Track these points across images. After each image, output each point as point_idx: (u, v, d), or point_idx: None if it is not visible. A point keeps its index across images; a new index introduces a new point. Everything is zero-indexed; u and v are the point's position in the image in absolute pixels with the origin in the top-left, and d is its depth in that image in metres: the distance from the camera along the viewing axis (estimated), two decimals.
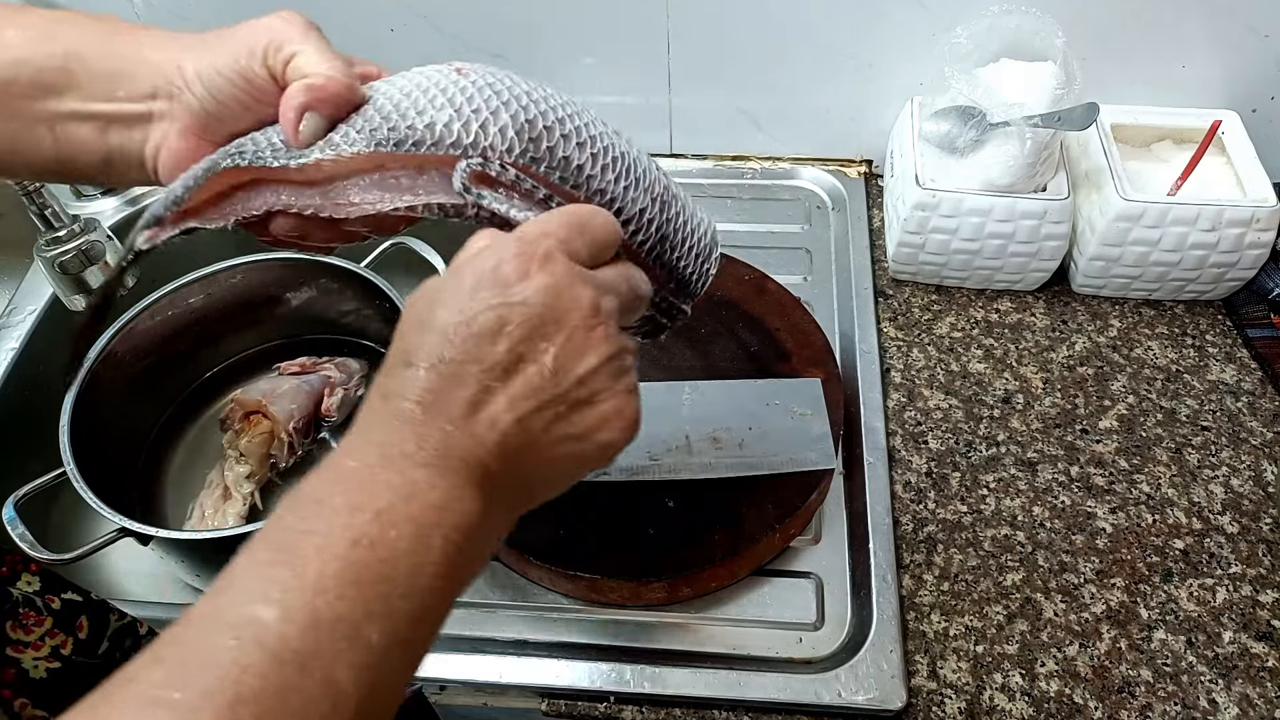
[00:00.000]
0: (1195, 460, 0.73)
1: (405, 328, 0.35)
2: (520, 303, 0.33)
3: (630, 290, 0.38)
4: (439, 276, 0.36)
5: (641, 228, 0.43)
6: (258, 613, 0.28)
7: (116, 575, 0.85)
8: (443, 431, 0.33)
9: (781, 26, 0.85)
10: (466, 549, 0.32)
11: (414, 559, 0.31)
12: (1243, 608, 0.65)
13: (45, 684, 0.46)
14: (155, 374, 0.85)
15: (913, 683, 0.62)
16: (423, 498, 0.32)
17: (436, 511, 0.32)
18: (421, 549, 0.31)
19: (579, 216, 0.37)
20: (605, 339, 0.35)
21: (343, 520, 0.31)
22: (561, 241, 0.35)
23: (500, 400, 0.33)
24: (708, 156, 0.97)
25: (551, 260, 0.34)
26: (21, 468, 0.72)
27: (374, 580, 0.30)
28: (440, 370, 0.33)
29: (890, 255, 0.85)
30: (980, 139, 0.78)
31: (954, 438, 0.74)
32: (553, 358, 0.33)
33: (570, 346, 0.34)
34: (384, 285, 0.79)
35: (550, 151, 0.40)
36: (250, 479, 0.81)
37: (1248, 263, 0.78)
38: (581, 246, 0.36)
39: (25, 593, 0.47)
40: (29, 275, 0.89)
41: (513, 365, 0.33)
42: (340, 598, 0.29)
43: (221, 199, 0.43)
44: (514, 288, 0.33)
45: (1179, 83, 0.85)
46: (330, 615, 0.28)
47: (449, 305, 0.34)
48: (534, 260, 0.34)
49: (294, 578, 0.29)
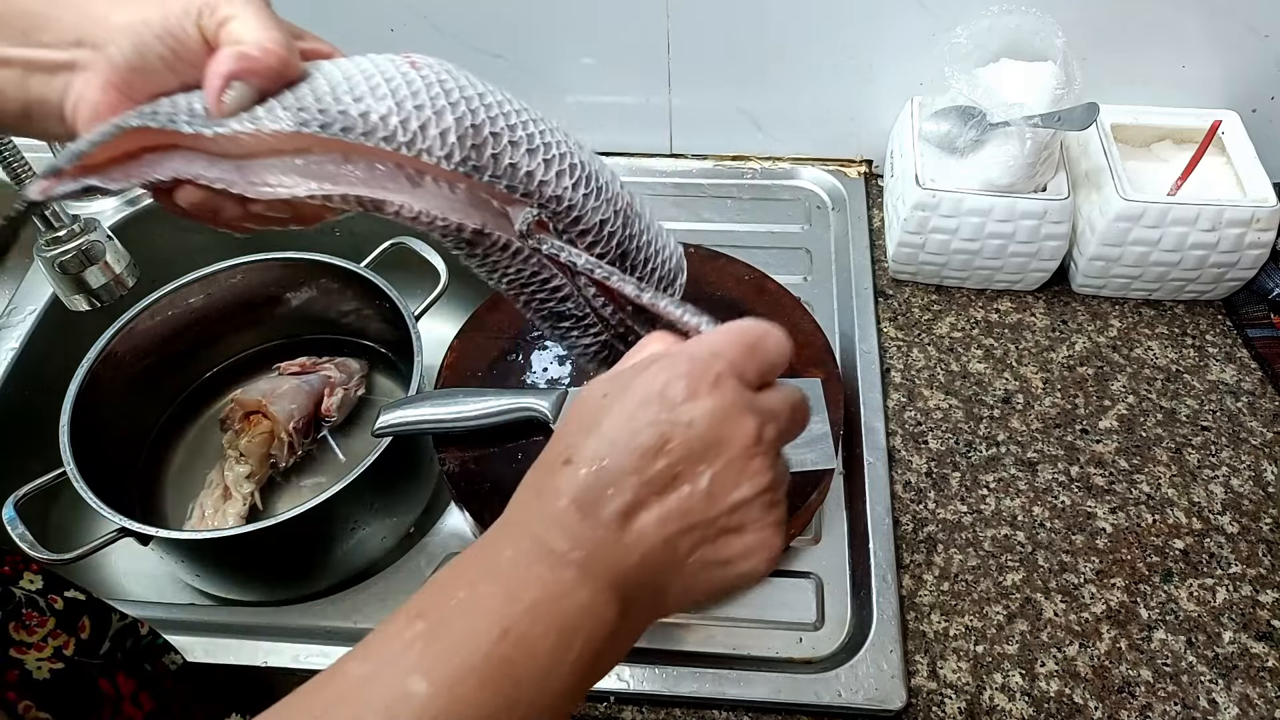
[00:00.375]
0: (1195, 460, 0.73)
1: (568, 428, 0.35)
2: (685, 424, 0.33)
3: (791, 417, 0.37)
4: (607, 380, 0.36)
5: (601, 240, 0.43)
6: (410, 685, 0.30)
7: (116, 575, 0.85)
8: (594, 536, 0.33)
9: (781, 26, 0.85)
10: (602, 653, 0.33)
11: (555, 656, 0.32)
12: (1243, 608, 0.65)
13: (49, 685, 0.46)
14: (155, 374, 0.85)
15: (913, 683, 0.62)
16: (570, 598, 0.32)
17: (580, 614, 0.32)
18: (564, 648, 0.32)
19: (751, 335, 0.36)
20: (762, 470, 0.34)
21: (496, 608, 0.32)
22: (732, 364, 0.35)
23: (652, 514, 0.33)
24: (708, 156, 0.97)
25: (720, 384, 0.34)
26: (21, 468, 0.72)
27: (516, 672, 0.31)
28: (599, 474, 0.33)
29: (890, 255, 0.85)
30: (980, 139, 0.78)
31: (954, 438, 0.74)
32: (708, 481, 0.34)
33: (727, 474, 0.34)
34: (384, 285, 0.79)
35: (495, 159, 0.39)
36: (250, 479, 0.81)
37: (1248, 263, 0.78)
38: (751, 368, 0.35)
39: (28, 592, 0.47)
40: (29, 275, 0.89)
41: (669, 483, 0.33)
42: (483, 685, 0.30)
43: (129, 159, 0.40)
44: (681, 408, 0.33)
45: (1179, 83, 0.85)
46: (474, 699, 0.30)
47: (615, 414, 0.34)
48: (704, 382, 0.34)
49: (445, 657, 0.31)
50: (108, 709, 0.48)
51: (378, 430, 0.66)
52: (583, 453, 0.34)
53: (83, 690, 0.47)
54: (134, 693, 0.50)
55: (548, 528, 0.33)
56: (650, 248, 0.45)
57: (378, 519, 0.75)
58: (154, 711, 0.50)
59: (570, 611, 0.32)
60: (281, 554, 0.72)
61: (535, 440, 0.68)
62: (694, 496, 0.33)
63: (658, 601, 0.35)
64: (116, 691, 0.49)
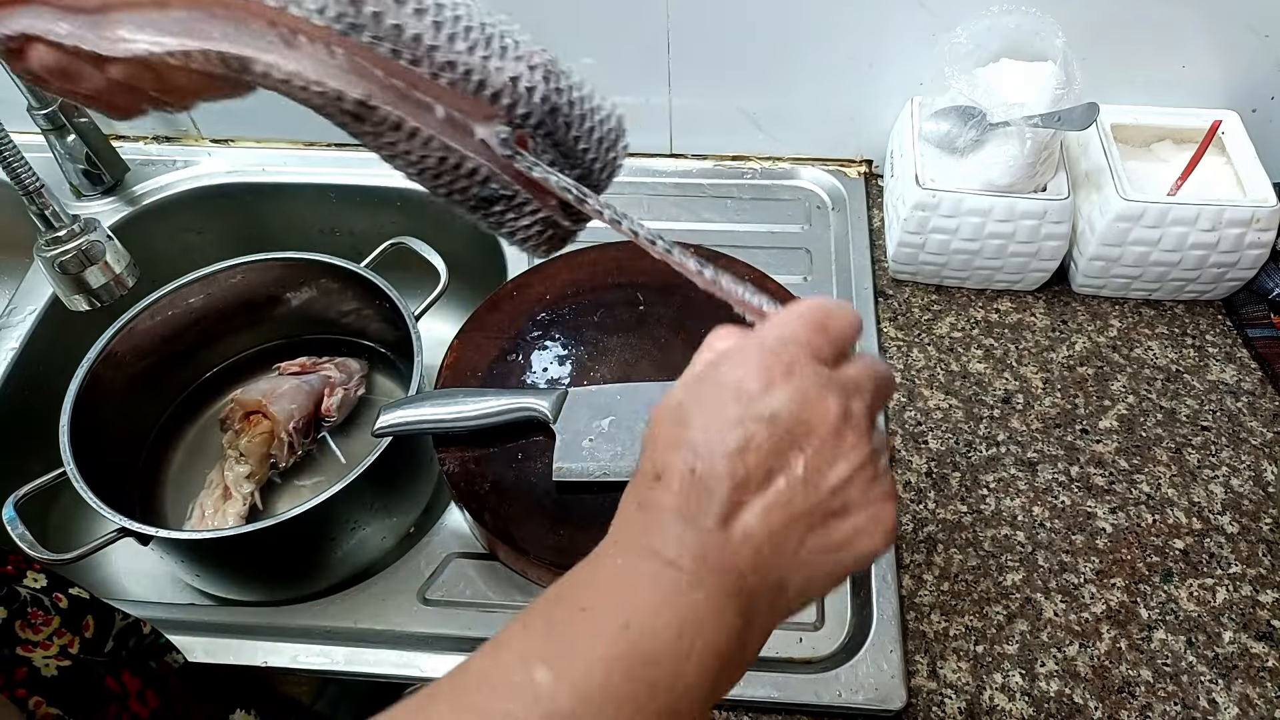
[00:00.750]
0: (1195, 460, 0.73)
1: (653, 443, 0.35)
2: (768, 417, 0.33)
3: (876, 386, 0.36)
4: (681, 388, 0.35)
5: (520, 99, 0.39)
6: (534, 674, 0.30)
7: (116, 575, 0.85)
8: (700, 541, 0.32)
9: (781, 26, 0.85)
10: (726, 656, 0.32)
11: (678, 651, 0.31)
12: (1243, 608, 0.65)
13: (57, 682, 0.46)
14: (155, 374, 0.85)
15: (913, 683, 0.62)
16: (686, 597, 0.32)
17: (699, 612, 0.32)
18: (686, 645, 0.31)
19: (819, 313, 0.35)
20: (856, 445, 0.34)
21: (615, 604, 0.32)
22: (804, 345, 0.34)
23: (754, 512, 0.33)
24: (708, 156, 0.97)
25: (795, 369, 0.33)
26: (21, 468, 0.72)
27: (641, 664, 0.30)
28: (693, 484, 0.33)
29: (890, 255, 0.85)
30: (980, 139, 0.78)
31: (954, 438, 0.74)
32: (803, 468, 0.33)
33: (820, 457, 0.33)
34: (384, 285, 0.79)
35: (376, 19, 0.36)
36: (250, 479, 0.81)
37: (1248, 263, 0.78)
38: (825, 345, 0.35)
39: (32, 590, 0.48)
40: (29, 275, 0.89)
41: (764, 478, 0.33)
42: (608, 674, 0.30)
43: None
44: (760, 401, 0.33)
45: (1179, 83, 0.85)
46: (602, 691, 0.30)
47: (696, 421, 0.34)
48: (778, 370, 0.33)
49: (568, 647, 0.31)
50: (114, 706, 0.48)
51: (378, 430, 0.66)
52: (672, 467, 0.33)
53: (90, 687, 0.47)
54: (140, 690, 0.50)
55: (654, 538, 0.33)
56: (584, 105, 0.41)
57: (378, 519, 0.75)
58: (159, 709, 0.51)
59: (688, 610, 0.31)
60: (281, 554, 0.72)
61: (535, 440, 0.68)
62: (792, 486, 0.33)
63: (779, 599, 0.34)
64: (123, 689, 0.49)
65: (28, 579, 0.48)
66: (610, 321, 0.76)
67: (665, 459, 0.34)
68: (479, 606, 0.66)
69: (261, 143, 1.00)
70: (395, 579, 0.68)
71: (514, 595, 0.67)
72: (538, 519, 0.65)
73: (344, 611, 0.67)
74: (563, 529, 0.64)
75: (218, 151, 1.00)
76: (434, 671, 0.63)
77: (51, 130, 0.89)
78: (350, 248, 0.93)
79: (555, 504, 0.65)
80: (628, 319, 0.76)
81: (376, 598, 0.67)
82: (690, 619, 0.31)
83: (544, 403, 0.67)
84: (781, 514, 0.33)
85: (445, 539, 0.70)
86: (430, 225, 0.94)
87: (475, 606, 0.66)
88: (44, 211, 0.72)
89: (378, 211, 0.97)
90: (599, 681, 0.30)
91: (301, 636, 0.65)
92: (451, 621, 0.65)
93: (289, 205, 0.98)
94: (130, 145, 1.00)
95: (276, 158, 0.99)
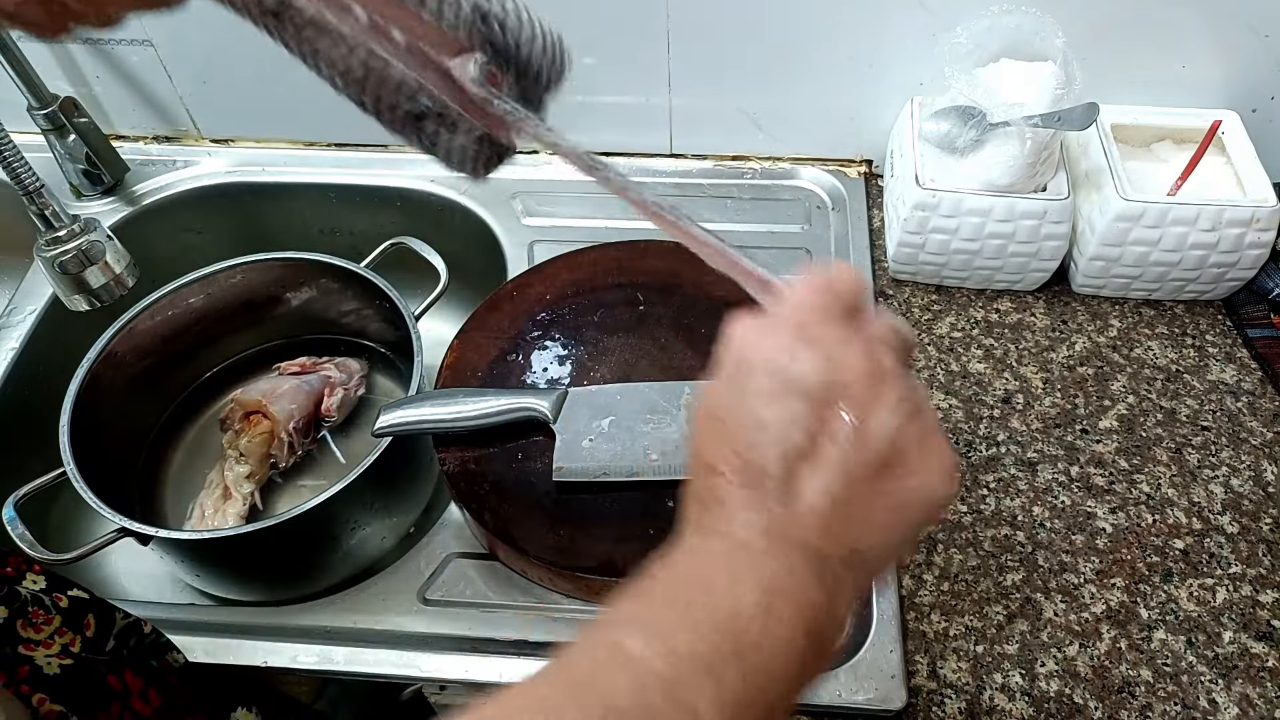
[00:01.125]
0: (1195, 460, 0.73)
1: (698, 443, 0.35)
2: (799, 382, 0.33)
3: (896, 334, 0.36)
4: (713, 383, 0.36)
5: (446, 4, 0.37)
6: (624, 643, 0.30)
7: (116, 575, 0.85)
8: (766, 517, 0.33)
9: (781, 26, 0.85)
10: (811, 622, 0.32)
11: (765, 620, 0.31)
12: (1243, 608, 0.65)
13: (60, 680, 0.46)
14: (155, 374, 0.85)
15: (913, 683, 0.62)
16: (765, 567, 0.32)
17: (778, 580, 0.32)
18: (772, 612, 0.31)
19: (822, 279, 0.36)
20: (894, 393, 0.34)
21: (699, 578, 0.32)
22: (815, 309, 0.35)
23: (811, 481, 0.33)
24: (708, 156, 0.97)
25: (815, 334, 0.34)
26: (21, 468, 0.72)
27: (730, 630, 0.30)
28: (746, 467, 0.33)
29: (890, 255, 0.85)
30: (980, 139, 0.78)
31: (954, 438, 0.74)
32: (846, 425, 0.33)
33: (861, 409, 0.33)
34: (384, 285, 0.79)
35: None
36: (250, 479, 0.81)
37: (1248, 263, 0.78)
38: (835, 305, 0.35)
39: (33, 591, 0.48)
40: (29, 275, 0.89)
41: (812, 446, 0.33)
42: (701, 639, 0.30)
43: None
44: (789, 371, 0.33)
45: (1179, 83, 0.85)
46: (690, 651, 0.30)
47: (733, 406, 0.34)
48: (799, 339, 0.34)
49: (656, 619, 0.31)
50: (117, 704, 0.48)
51: (378, 430, 0.66)
52: (722, 458, 0.34)
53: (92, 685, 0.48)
54: (142, 689, 0.50)
55: (720, 524, 0.33)
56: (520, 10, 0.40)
57: (378, 519, 0.75)
58: (161, 707, 0.51)
59: (767, 577, 0.32)
60: (281, 554, 0.72)
61: (535, 440, 0.68)
62: (841, 444, 0.33)
63: (859, 562, 0.34)
64: (125, 687, 0.49)
65: (27, 580, 0.48)
66: (610, 321, 0.76)
67: (713, 454, 0.34)
68: (479, 606, 0.66)
69: (261, 143, 1.00)
70: (395, 579, 0.68)
71: (514, 595, 0.67)
72: (538, 519, 0.65)
73: (344, 611, 0.67)
74: (563, 529, 0.64)
75: (218, 151, 1.00)
76: (434, 671, 0.63)
77: (51, 130, 0.89)
78: (350, 248, 0.93)
79: (555, 504, 0.65)
80: (628, 319, 0.76)
81: (376, 598, 0.67)
82: (771, 587, 0.31)
83: (544, 403, 0.67)
84: (839, 476, 0.33)
85: (445, 539, 0.70)
86: (430, 225, 0.95)
87: (475, 606, 0.66)
88: (44, 211, 0.72)
89: (378, 211, 0.97)
90: (689, 648, 0.30)
91: (301, 636, 0.65)
92: (451, 621, 0.65)
93: (289, 205, 0.98)
94: (130, 145, 1.00)
95: (276, 158, 0.99)
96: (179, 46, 0.92)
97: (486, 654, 0.64)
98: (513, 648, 0.64)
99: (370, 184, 0.96)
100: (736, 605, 0.31)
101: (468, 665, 0.63)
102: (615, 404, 0.67)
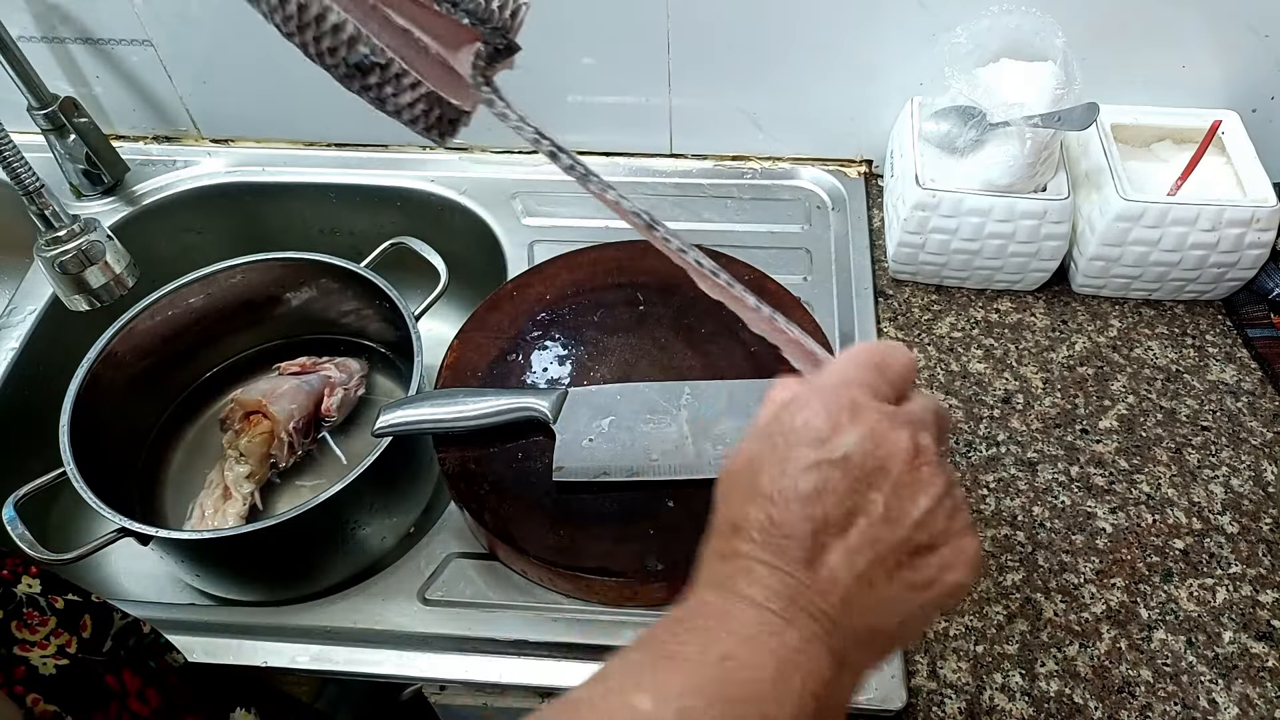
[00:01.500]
0: (1195, 460, 0.73)
1: (727, 498, 0.35)
2: (842, 458, 0.33)
3: (938, 419, 0.36)
4: (748, 441, 0.35)
5: None
6: (634, 701, 0.30)
7: (116, 575, 0.85)
8: (787, 585, 0.33)
9: (781, 26, 0.85)
10: (823, 699, 0.32)
11: (777, 689, 0.31)
12: (1243, 608, 0.65)
13: (55, 680, 0.46)
14: (155, 374, 0.85)
15: (913, 683, 0.62)
16: (781, 636, 0.32)
17: (795, 652, 0.32)
18: (784, 682, 0.31)
19: (875, 355, 0.36)
20: (932, 478, 0.34)
21: (713, 638, 0.32)
22: (864, 386, 0.35)
23: (838, 554, 0.33)
24: (708, 156, 0.97)
25: (860, 409, 0.34)
26: (21, 468, 0.72)
27: (740, 696, 0.30)
28: (772, 532, 0.33)
29: (890, 255, 0.85)
30: (980, 139, 0.78)
31: (954, 438, 0.74)
32: (883, 505, 0.33)
33: (900, 492, 0.33)
34: (384, 285, 0.79)
35: None
36: (250, 479, 0.81)
37: (1248, 263, 0.78)
38: (884, 384, 0.35)
39: (29, 593, 0.48)
40: (29, 275, 0.89)
41: (845, 520, 0.33)
42: (710, 704, 0.30)
43: None
44: (831, 443, 0.33)
45: (1179, 83, 0.85)
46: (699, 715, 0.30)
47: (769, 470, 0.34)
48: (844, 411, 0.34)
49: (668, 678, 0.31)
50: (115, 705, 0.48)
51: (378, 430, 0.66)
52: (750, 518, 0.33)
53: (89, 685, 0.47)
54: (140, 689, 0.50)
55: (740, 584, 0.33)
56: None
57: (378, 519, 0.75)
58: (160, 707, 0.51)
59: (783, 649, 0.32)
60: (281, 554, 0.72)
61: (535, 440, 0.68)
62: (875, 525, 0.33)
63: (876, 640, 0.34)
64: (123, 687, 0.49)
65: (23, 583, 0.48)
66: (610, 321, 0.76)
67: (742, 511, 0.34)
68: (479, 606, 0.66)
69: (261, 142, 1.00)
70: (395, 579, 0.68)
71: (514, 595, 0.67)
72: (538, 519, 0.65)
73: (344, 611, 0.67)
74: (563, 529, 0.64)
75: (218, 151, 1.00)
76: (434, 671, 0.63)
77: (51, 130, 0.89)
78: (350, 248, 0.93)
79: (555, 504, 0.65)
80: (628, 319, 0.76)
81: (376, 598, 0.67)
82: (786, 658, 0.31)
83: (544, 403, 0.67)
84: (868, 555, 0.33)
85: (445, 539, 0.70)
86: (430, 225, 0.95)
87: (475, 606, 0.66)
88: (44, 211, 0.72)
89: (378, 211, 0.97)
90: (699, 711, 0.30)
91: (301, 636, 0.65)
92: (451, 621, 0.65)
93: (289, 205, 0.98)
94: (130, 145, 1.00)
95: (276, 158, 0.99)
96: (179, 46, 0.92)
97: (486, 654, 0.64)
98: (513, 648, 0.64)
99: (370, 184, 0.96)
100: (752, 678, 0.31)
101: (468, 665, 0.63)
102: (615, 404, 0.67)
